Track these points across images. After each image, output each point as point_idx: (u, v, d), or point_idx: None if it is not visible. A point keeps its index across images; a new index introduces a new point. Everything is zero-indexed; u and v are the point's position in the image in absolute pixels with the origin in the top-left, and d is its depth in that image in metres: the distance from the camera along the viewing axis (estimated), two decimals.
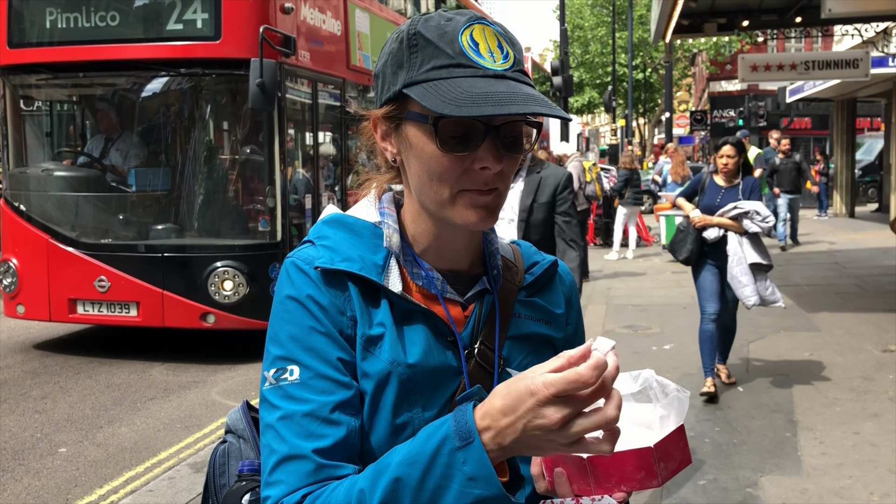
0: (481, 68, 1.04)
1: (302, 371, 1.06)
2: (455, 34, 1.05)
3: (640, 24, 35.32)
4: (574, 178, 10.91)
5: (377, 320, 1.09)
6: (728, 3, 11.50)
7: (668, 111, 25.75)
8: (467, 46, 1.04)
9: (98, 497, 4.55)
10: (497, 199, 1.08)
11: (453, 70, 1.03)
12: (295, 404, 1.04)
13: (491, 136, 1.04)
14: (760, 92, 35.14)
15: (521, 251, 1.29)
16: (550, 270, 1.27)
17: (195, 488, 4.43)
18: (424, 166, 1.07)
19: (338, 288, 1.09)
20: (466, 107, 0.99)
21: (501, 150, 1.04)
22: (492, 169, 1.04)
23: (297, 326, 1.08)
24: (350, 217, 1.19)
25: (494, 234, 1.23)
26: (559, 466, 1.01)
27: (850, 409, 5.52)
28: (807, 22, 12.20)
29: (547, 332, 1.22)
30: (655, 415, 1.01)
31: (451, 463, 0.90)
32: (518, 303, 1.20)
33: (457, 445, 0.91)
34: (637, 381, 1.03)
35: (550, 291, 1.26)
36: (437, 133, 1.04)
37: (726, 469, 4.52)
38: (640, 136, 41.69)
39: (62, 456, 5.14)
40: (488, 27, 1.07)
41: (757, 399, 5.79)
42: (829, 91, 19.48)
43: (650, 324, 8.44)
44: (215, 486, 1.28)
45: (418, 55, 1.06)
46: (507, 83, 1.03)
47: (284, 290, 1.11)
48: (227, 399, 6.30)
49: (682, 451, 1.01)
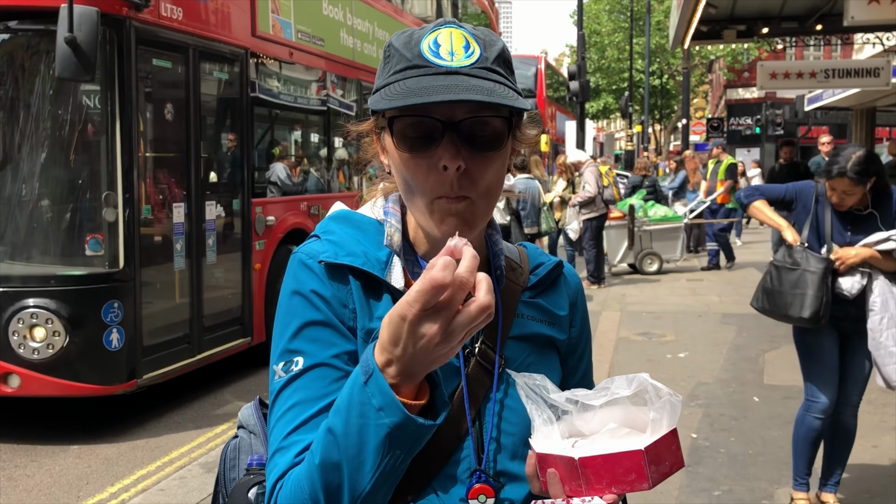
0: (434, 66, 1.04)
1: (308, 361, 1.08)
2: (419, 39, 1.07)
3: (658, 29, 35.23)
4: (592, 183, 10.95)
5: (377, 314, 1.10)
6: (748, 10, 11.42)
7: (685, 118, 25.66)
8: (426, 49, 1.05)
9: (109, 495, 4.54)
10: (471, 207, 1.06)
11: (407, 72, 1.05)
12: (303, 393, 1.06)
13: (449, 133, 1.02)
14: (778, 100, 34.93)
15: (528, 253, 1.30)
16: (555, 272, 1.27)
17: (206, 488, 4.42)
18: (399, 174, 1.09)
19: (340, 281, 1.11)
20: (396, 100, 1.01)
21: (461, 148, 1.03)
22: (450, 167, 1.02)
23: (303, 320, 1.10)
24: (356, 214, 1.21)
25: (498, 234, 1.23)
26: (552, 467, 1.02)
27: (867, 422, 5.44)
28: (827, 30, 12.10)
29: (549, 334, 1.22)
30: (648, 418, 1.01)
31: (362, 400, 0.93)
32: (521, 303, 1.21)
33: (362, 381, 0.94)
34: (632, 384, 1.03)
35: (554, 293, 1.26)
36: (393, 134, 1.05)
37: (742, 480, 4.46)
38: (655, 143, 41.55)
39: (74, 453, 5.15)
40: (457, 30, 1.07)
41: (773, 409, 5.73)
42: (848, 100, 19.30)
43: (665, 331, 8.38)
44: (225, 480, 1.30)
45: (387, 64, 1.09)
46: (457, 77, 1.03)
47: (289, 285, 1.13)
48: (240, 399, 6.30)
49: (674, 454, 1.01)
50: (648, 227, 12.23)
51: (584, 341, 1.31)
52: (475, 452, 1.10)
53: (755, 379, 6.52)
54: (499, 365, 1.14)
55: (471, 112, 1.03)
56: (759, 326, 8.47)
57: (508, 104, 1.02)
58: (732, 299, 10.20)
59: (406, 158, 1.06)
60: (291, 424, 1.05)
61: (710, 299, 10.25)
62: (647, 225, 12.22)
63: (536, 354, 1.19)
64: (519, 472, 1.12)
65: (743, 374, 6.65)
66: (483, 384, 1.12)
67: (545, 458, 1.02)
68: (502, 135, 1.07)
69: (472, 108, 1.03)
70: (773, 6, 11.20)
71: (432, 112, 1.03)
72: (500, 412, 1.13)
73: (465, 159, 1.03)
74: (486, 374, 1.13)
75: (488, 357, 1.14)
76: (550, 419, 1.06)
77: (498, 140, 1.06)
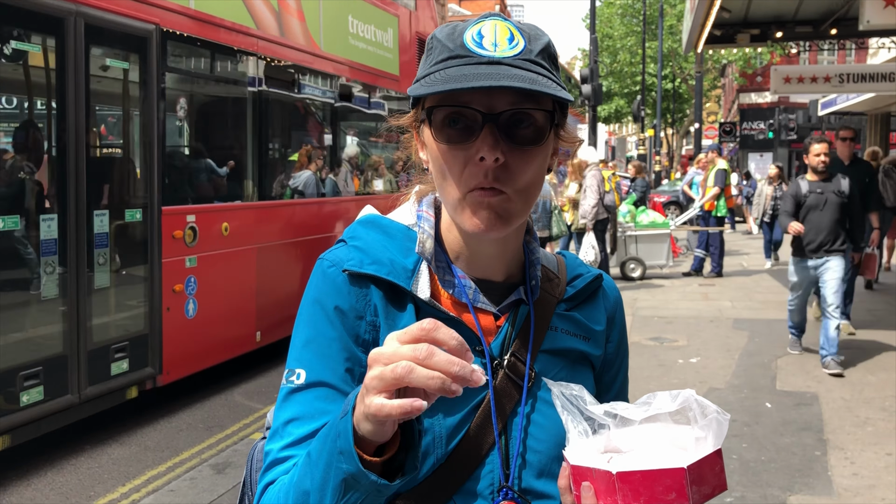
0: (476, 56, 1.01)
1: (309, 377, 1.06)
2: (463, 30, 1.04)
3: (670, 34, 35.14)
4: (594, 187, 10.92)
5: (401, 325, 1.07)
6: (762, 14, 11.37)
7: (697, 122, 25.56)
8: (469, 40, 1.03)
9: (120, 495, 4.56)
10: (506, 203, 1.02)
11: (449, 62, 1.02)
12: (296, 409, 1.05)
13: (489, 124, 1.00)
14: (791, 104, 34.77)
15: (566, 263, 1.25)
16: (593, 284, 1.22)
17: (216, 489, 4.43)
18: (435, 164, 1.06)
19: (362, 291, 1.08)
20: (434, 85, 0.99)
21: (500, 140, 1.00)
22: (487, 158, 0.99)
23: (316, 332, 1.08)
24: (385, 219, 1.18)
25: (537, 243, 1.19)
26: (587, 480, 0.97)
27: (882, 430, 5.40)
28: (842, 34, 12.02)
29: (584, 349, 1.18)
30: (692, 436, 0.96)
31: (334, 436, 0.90)
32: (556, 316, 1.16)
33: (338, 418, 0.90)
34: (676, 400, 0.98)
35: (592, 306, 1.21)
36: (431, 123, 1.03)
37: (754, 487, 4.43)
38: (667, 147, 41.43)
39: (86, 453, 5.16)
40: (502, 22, 1.05)
41: (786, 416, 5.68)
42: (862, 105, 19.21)
43: (676, 336, 8.33)
44: (251, 482, 1.29)
45: (429, 56, 1.06)
46: (499, 67, 1.00)
47: (311, 291, 1.11)
48: (250, 400, 6.30)
49: (718, 476, 0.95)
50: (633, 233, 12.21)
51: (620, 357, 1.26)
52: (501, 468, 1.07)
53: (767, 385, 6.48)
54: (528, 378, 1.10)
55: (512, 104, 1.00)
56: (772, 332, 8.42)
57: (551, 93, 0.99)
58: (744, 304, 10.15)
59: (444, 150, 1.03)
60: (287, 439, 1.04)
61: (723, 304, 10.19)
62: (631, 230, 12.20)
63: (569, 370, 1.15)
64: (545, 491, 1.09)
65: (755, 380, 6.61)
66: (511, 398, 1.09)
67: (580, 470, 0.98)
68: (544, 129, 1.03)
69: (514, 101, 1.00)
70: (788, 10, 11.14)
71: (472, 103, 1.00)
72: (527, 427, 1.09)
73: (504, 152, 1.00)
74: (514, 387, 1.09)
75: (517, 370, 1.10)
76: (586, 431, 1.01)
77: (539, 134, 1.03)
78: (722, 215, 12.43)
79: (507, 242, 1.13)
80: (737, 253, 15.71)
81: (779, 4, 10.91)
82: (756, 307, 9.97)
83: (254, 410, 6.06)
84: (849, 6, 10.28)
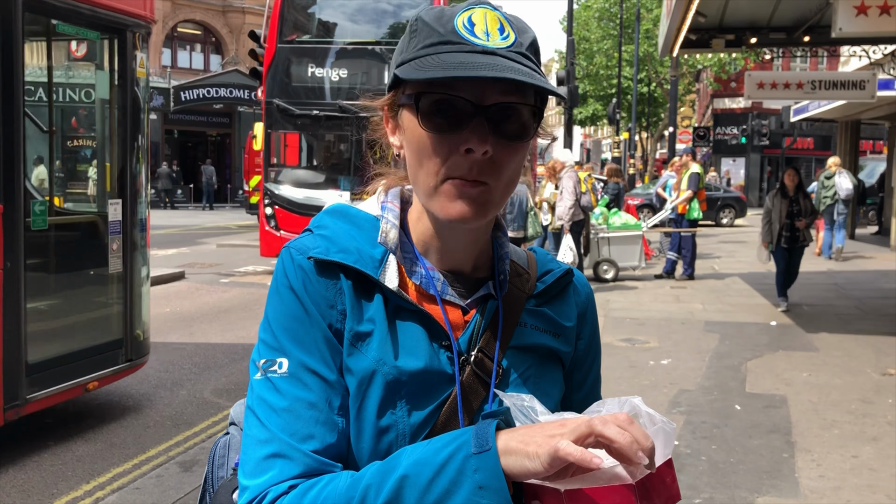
0: (469, 44, 0.99)
1: (291, 364, 1.02)
2: (452, 16, 1.02)
3: (647, 37, 35.37)
4: (570, 189, 10.96)
5: (368, 316, 1.04)
6: (737, 20, 11.49)
7: (672, 126, 25.76)
8: (461, 26, 1.00)
9: (84, 493, 4.47)
10: (487, 194, 1.01)
11: (440, 47, 1.00)
12: (282, 398, 1.01)
13: (480, 115, 0.98)
14: (764, 110, 35.19)
15: (537, 258, 1.23)
16: (564, 280, 1.20)
17: (183, 487, 4.37)
18: (414, 150, 1.03)
19: (330, 280, 1.05)
20: (431, 71, 0.96)
21: (489, 132, 0.98)
22: (476, 151, 0.97)
23: (289, 318, 1.04)
24: (353, 208, 1.15)
25: (506, 238, 1.17)
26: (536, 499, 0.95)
27: (848, 432, 5.46)
28: (815, 41, 12.18)
29: (553, 345, 1.15)
30: None
31: (462, 469, 0.88)
32: (525, 312, 1.14)
33: (472, 451, 0.88)
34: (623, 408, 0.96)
35: (562, 302, 1.19)
36: (419, 110, 1.00)
37: (722, 488, 4.46)
38: (642, 150, 41.71)
39: (49, 450, 5.07)
40: (491, 11, 1.03)
41: (754, 418, 5.73)
42: (833, 112, 19.50)
43: (648, 338, 8.38)
44: (213, 478, 1.26)
45: (415, 38, 1.03)
46: (494, 58, 0.98)
47: (279, 278, 1.07)
48: (219, 398, 6.23)
49: (669, 488, 0.94)
50: (606, 234, 12.28)
51: (592, 355, 1.24)
52: None
53: (737, 387, 6.53)
54: (496, 375, 1.08)
55: (502, 96, 0.99)
56: (742, 335, 8.50)
57: (553, 91, 0.98)
58: (716, 307, 10.23)
59: (430, 137, 1.00)
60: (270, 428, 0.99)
61: (694, 307, 10.27)
62: (603, 232, 12.27)
63: (537, 366, 1.13)
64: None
65: (725, 382, 6.67)
66: (478, 394, 1.06)
67: (531, 488, 0.95)
68: (529, 124, 1.02)
69: (504, 92, 0.99)
70: (762, 16, 11.26)
71: (463, 92, 0.98)
72: None
73: (491, 145, 0.98)
74: (481, 383, 1.07)
75: (485, 366, 1.07)
76: None
77: (525, 129, 1.02)
78: (694, 218, 12.52)
79: (477, 235, 1.11)
80: (709, 256, 15.86)
81: (753, 11, 11.03)
82: (727, 310, 10.06)
83: (222, 408, 5.99)
84: (822, 14, 10.41)
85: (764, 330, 8.83)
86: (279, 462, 0.99)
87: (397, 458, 0.94)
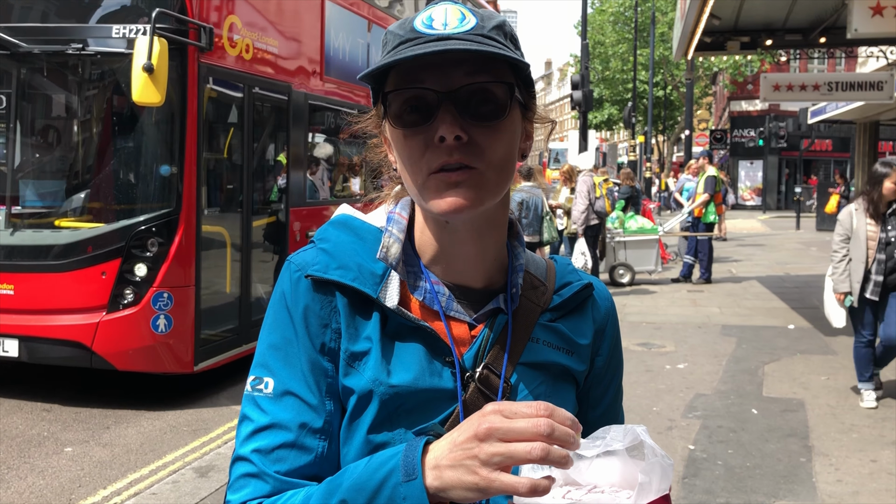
0: (425, 36, 0.98)
1: (276, 385, 1.03)
2: (414, 18, 1.02)
3: (662, 41, 35.26)
4: (584, 193, 10.93)
5: (365, 334, 1.03)
6: (752, 22, 11.42)
7: (688, 129, 25.65)
8: (420, 24, 1.00)
9: (101, 498, 4.51)
10: (478, 178, 0.97)
11: (399, 47, 0.99)
12: (263, 417, 1.02)
13: (447, 102, 0.96)
14: (781, 112, 34.93)
15: (556, 269, 1.18)
16: (582, 294, 1.15)
17: (199, 493, 4.39)
18: (398, 155, 1.02)
19: (325, 297, 1.04)
20: (383, 62, 0.97)
21: (459, 117, 0.96)
22: (447, 137, 0.95)
23: (281, 337, 1.05)
24: (357, 220, 1.13)
25: (522, 248, 1.14)
26: None
27: (867, 436, 5.41)
28: (831, 42, 12.09)
29: (566, 363, 1.11)
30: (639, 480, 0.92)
31: (393, 497, 0.87)
32: (538, 326, 1.10)
33: (400, 480, 0.87)
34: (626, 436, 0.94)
35: (579, 318, 1.14)
36: (388, 110, 1.00)
37: (739, 493, 4.42)
38: (658, 154, 41.55)
39: (67, 455, 5.11)
40: (453, 5, 1.02)
41: (771, 422, 5.69)
42: (851, 113, 19.28)
43: (664, 342, 8.34)
44: None
45: (384, 49, 1.03)
46: (447, 42, 0.96)
47: (278, 294, 1.07)
48: (236, 404, 6.26)
49: None
50: (622, 239, 12.23)
51: (611, 372, 1.19)
52: None
53: (754, 391, 6.48)
54: (503, 392, 1.04)
55: (468, 78, 0.97)
56: (759, 339, 8.44)
57: (503, 54, 0.95)
58: (733, 311, 10.17)
59: (403, 136, 0.99)
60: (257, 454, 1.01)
61: (711, 311, 10.21)
62: (620, 236, 12.21)
63: (549, 385, 1.08)
64: None
65: (742, 386, 6.62)
66: None
67: None
68: (505, 103, 0.99)
69: (469, 74, 0.97)
70: (777, 18, 11.20)
71: (428, 83, 0.96)
72: None
73: (465, 129, 0.96)
74: (486, 401, 1.02)
75: (490, 383, 1.04)
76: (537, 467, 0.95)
77: (501, 108, 0.98)
78: (710, 222, 12.46)
79: (485, 244, 1.07)
80: (726, 259, 15.76)
81: (768, 12, 10.97)
82: (744, 314, 9.99)
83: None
84: (837, 15, 10.34)
85: (781, 333, 8.77)
86: (252, 482, 1.01)
87: (342, 476, 0.94)
